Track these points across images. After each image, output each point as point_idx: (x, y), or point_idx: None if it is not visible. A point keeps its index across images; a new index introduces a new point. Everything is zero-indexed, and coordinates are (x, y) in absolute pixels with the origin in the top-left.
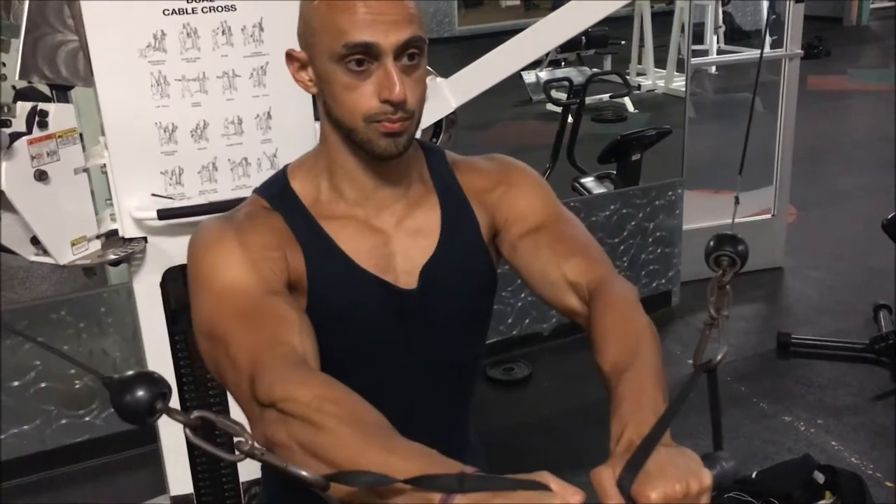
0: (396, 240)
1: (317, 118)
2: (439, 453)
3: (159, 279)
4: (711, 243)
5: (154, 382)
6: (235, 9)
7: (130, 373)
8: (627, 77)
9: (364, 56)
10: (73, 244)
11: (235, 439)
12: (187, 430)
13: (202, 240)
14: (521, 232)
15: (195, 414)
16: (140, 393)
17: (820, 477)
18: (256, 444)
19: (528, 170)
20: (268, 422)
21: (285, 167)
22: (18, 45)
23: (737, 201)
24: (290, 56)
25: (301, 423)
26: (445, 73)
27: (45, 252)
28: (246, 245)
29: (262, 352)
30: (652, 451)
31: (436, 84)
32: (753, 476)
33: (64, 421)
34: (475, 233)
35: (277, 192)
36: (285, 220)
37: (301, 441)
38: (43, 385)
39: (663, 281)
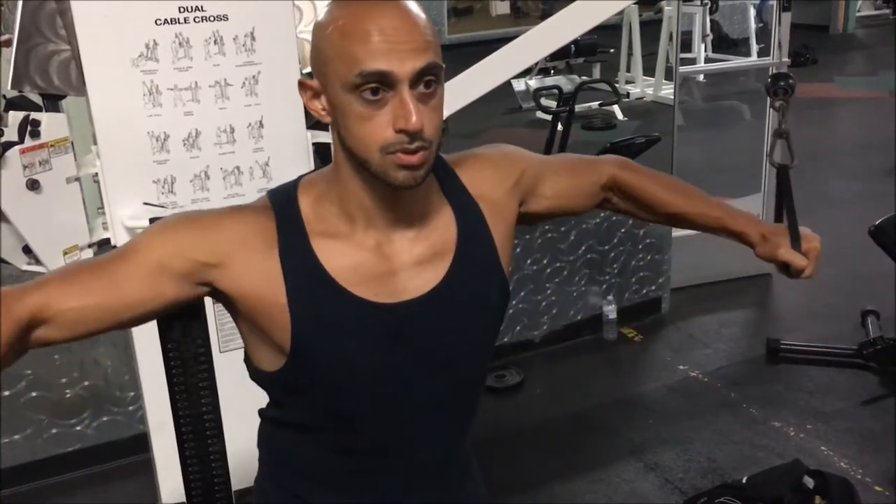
0: (406, 265)
1: (308, 127)
2: None
3: None
4: (769, 80)
5: None
6: (227, 18)
7: None
8: (616, 85)
9: (379, 85)
10: (65, 253)
11: None
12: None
13: (173, 215)
14: (541, 186)
15: None
16: None
17: (810, 482)
18: None
19: (513, 148)
20: None
21: (299, 178)
22: (10, 54)
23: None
24: (302, 85)
25: None
26: None
27: (37, 261)
28: (185, 236)
29: (42, 285)
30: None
31: None
32: (744, 481)
33: (55, 430)
34: (489, 249)
35: (283, 199)
36: (277, 228)
37: None
38: (34, 394)
39: (653, 287)
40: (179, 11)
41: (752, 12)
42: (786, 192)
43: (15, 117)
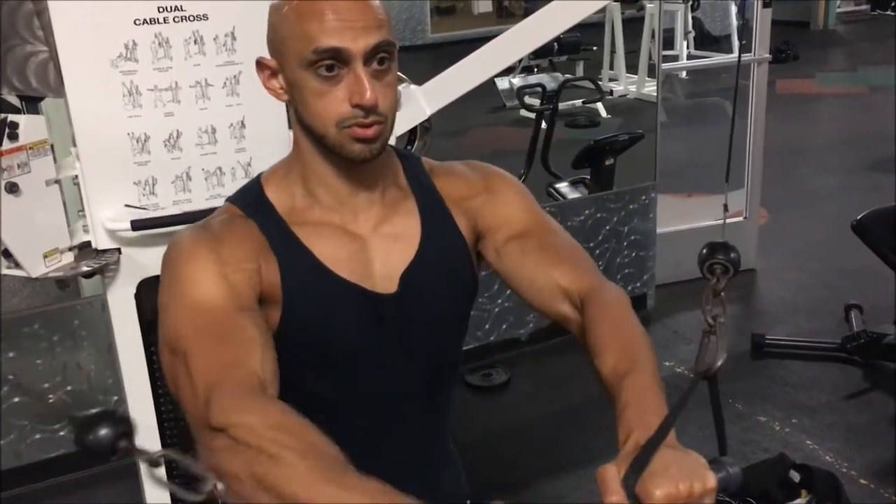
0: (374, 245)
1: (290, 126)
2: (395, 490)
3: (133, 290)
4: (704, 251)
5: (117, 421)
6: (207, 18)
7: (94, 411)
8: (600, 83)
9: (334, 61)
10: (45, 256)
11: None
12: (151, 469)
13: (177, 251)
14: (505, 238)
15: (158, 453)
16: (102, 432)
17: (795, 476)
18: (219, 485)
19: (509, 177)
20: (217, 449)
21: (258, 176)
22: None
23: (725, 209)
24: (260, 64)
25: (255, 452)
26: (419, 80)
27: (17, 265)
28: (221, 257)
29: (220, 374)
30: (656, 452)
31: (410, 91)
32: None
33: (38, 436)
34: (457, 237)
35: (252, 200)
36: (260, 228)
37: (254, 472)
38: (16, 400)
39: (638, 284)
40: (159, 11)
41: (734, 9)
42: (714, 405)
43: None
